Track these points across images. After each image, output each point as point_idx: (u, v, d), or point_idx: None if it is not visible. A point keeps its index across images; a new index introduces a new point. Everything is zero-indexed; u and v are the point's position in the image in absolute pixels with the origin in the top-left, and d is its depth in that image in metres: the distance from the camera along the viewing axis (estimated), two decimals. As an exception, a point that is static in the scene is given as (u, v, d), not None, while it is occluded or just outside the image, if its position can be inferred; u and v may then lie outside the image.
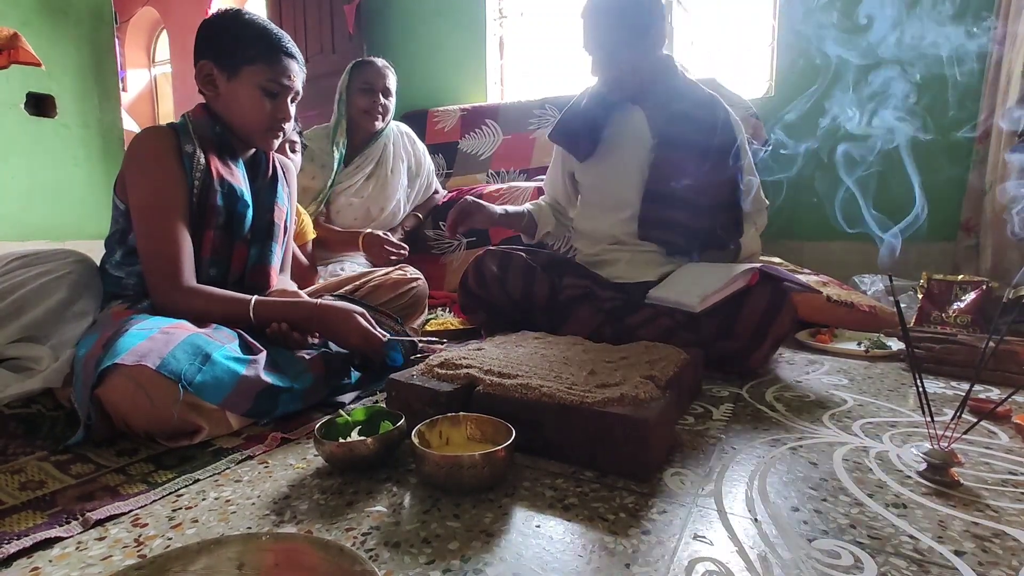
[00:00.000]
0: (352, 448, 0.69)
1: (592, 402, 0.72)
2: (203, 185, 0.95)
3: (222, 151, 1.00)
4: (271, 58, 0.97)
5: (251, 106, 0.98)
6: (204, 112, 1.00)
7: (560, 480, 0.69)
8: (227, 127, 1.00)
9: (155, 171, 0.93)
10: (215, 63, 0.97)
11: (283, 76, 0.98)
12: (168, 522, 0.60)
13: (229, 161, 1.00)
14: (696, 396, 1.01)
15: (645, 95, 1.29)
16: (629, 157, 1.31)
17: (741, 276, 1.12)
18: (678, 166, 1.25)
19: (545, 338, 1.07)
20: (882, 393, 1.01)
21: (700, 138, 1.26)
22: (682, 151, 1.25)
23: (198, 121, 0.99)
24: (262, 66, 0.97)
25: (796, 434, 0.82)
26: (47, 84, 2.51)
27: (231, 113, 1.00)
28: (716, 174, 1.27)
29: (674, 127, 1.27)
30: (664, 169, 1.27)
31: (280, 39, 0.98)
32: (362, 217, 1.77)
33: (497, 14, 2.94)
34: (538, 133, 2.41)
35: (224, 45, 0.97)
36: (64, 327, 0.94)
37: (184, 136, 0.96)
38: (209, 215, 0.96)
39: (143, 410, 0.72)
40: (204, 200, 0.95)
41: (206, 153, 0.97)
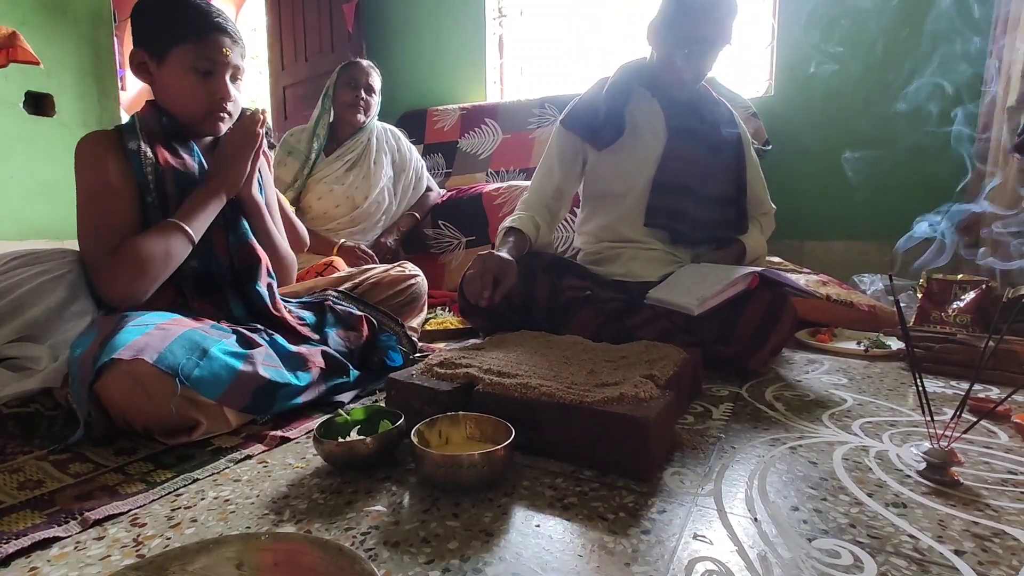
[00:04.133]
0: (351, 447, 0.69)
1: (592, 401, 0.72)
2: (156, 178, 0.93)
3: (171, 141, 0.97)
4: (198, 35, 0.92)
5: (185, 90, 0.94)
6: (150, 106, 0.98)
7: (560, 479, 0.69)
8: (172, 116, 0.98)
9: (90, 173, 0.92)
10: (145, 49, 0.94)
11: (214, 52, 0.93)
12: (167, 522, 0.59)
13: (181, 150, 0.98)
14: (696, 395, 1.01)
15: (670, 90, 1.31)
16: (644, 147, 1.32)
17: (741, 279, 1.12)
18: (688, 157, 1.29)
19: (545, 337, 1.07)
20: (882, 392, 1.01)
21: (707, 132, 1.30)
22: (692, 143, 1.29)
23: (144, 116, 0.97)
24: (190, 45, 0.92)
25: (796, 433, 0.82)
26: (46, 83, 2.51)
27: (169, 100, 0.96)
28: (722, 167, 1.30)
29: (685, 120, 1.31)
30: (675, 159, 1.29)
31: (208, 12, 0.94)
32: (345, 205, 1.80)
33: (497, 13, 2.94)
34: (538, 132, 2.41)
35: (151, 29, 0.93)
36: (63, 327, 0.94)
37: (128, 135, 0.94)
38: (170, 207, 0.94)
39: (141, 405, 0.72)
40: (162, 191, 0.94)
41: (153, 146, 0.95)
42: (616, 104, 1.32)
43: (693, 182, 1.28)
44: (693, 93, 1.33)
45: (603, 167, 1.36)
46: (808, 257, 2.23)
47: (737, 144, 1.34)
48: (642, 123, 1.33)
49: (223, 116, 0.99)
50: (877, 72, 2.10)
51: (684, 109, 1.31)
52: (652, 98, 1.33)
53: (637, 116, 1.33)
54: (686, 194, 1.28)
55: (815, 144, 2.23)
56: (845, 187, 2.20)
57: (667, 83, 1.31)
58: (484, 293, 1.08)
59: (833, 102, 2.19)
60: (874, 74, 2.11)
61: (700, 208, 1.29)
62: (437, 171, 2.56)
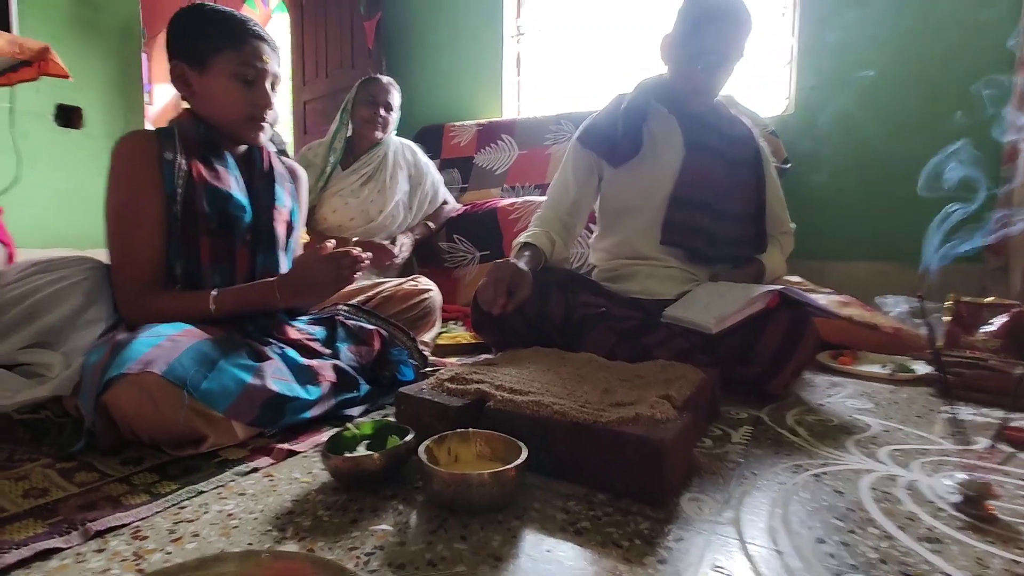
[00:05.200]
0: (358, 463, 0.67)
1: (606, 421, 0.70)
2: (186, 191, 0.93)
3: (208, 153, 0.98)
4: (238, 43, 0.94)
5: (227, 98, 0.95)
6: (189, 115, 0.99)
7: (572, 502, 0.66)
8: (211, 126, 0.98)
9: (126, 180, 0.92)
10: (184, 61, 0.95)
11: (255, 59, 0.95)
12: (168, 535, 0.58)
13: (216, 164, 0.98)
14: (714, 418, 0.97)
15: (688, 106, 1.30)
16: (661, 164, 1.30)
17: (760, 298, 1.09)
18: (706, 174, 1.27)
19: (559, 354, 1.05)
20: (909, 419, 0.97)
21: (725, 148, 1.28)
22: (710, 159, 1.27)
23: (183, 124, 0.97)
24: (230, 53, 0.93)
25: (819, 460, 0.79)
26: (75, 96, 2.58)
27: (210, 110, 0.97)
28: (741, 184, 1.28)
29: (703, 136, 1.29)
30: (692, 176, 1.27)
31: (245, 21, 0.96)
32: (360, 218, 1.81)
33: (515, 31, 2.97)
34: (554, 148, 2.41)
35: (189, 40, 0.94)
36: (77, 334, 0.94)
37: (166, 142, 0.94)
38: (199, 221, 0.94)
39: (149, 416, 0.71)
40: (190, 206, 0.93)
41: (189, 158, 0.95)
42: (633, 121, 1.31)
43: (710, 198, 1.26)
44: (710, 109, 1.32)
45: (619, 184, 1.35)
46: (828, 278, 2.18)
47: (756, 161, 1.32)
48: (660, 140, 1.32)
49: (262, 123, 0.99)
50: (898, 90, 2.07)
51: (702, 125, 1.30)
52: (670, 114, 1.32)
53: (655, 133, 1.32)
54: (703, 210, 1.26)
55: (835, 163, 2.20)
56: (866, 207, 2.16)
57: (682, 98, 1.30)
58: (498, 301, 1.06)
59: (853, 120, 2.16)
60: (895, 92, 2.08)
61: (717, 225, 1.27)
62: (453, 186, 2.56)
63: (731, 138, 1.30)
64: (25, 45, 1.77)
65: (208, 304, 0.91)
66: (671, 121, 1.31)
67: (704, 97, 1.28)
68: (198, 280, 0.96)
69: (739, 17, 1.18)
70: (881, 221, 2.14)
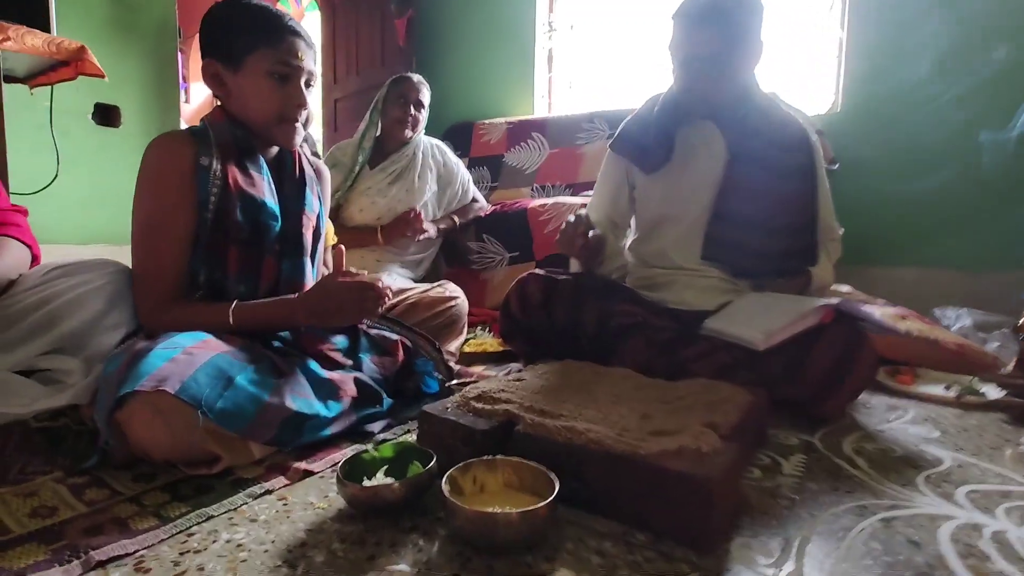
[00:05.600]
0: (377, 493, 0.62)
1: (646, 454, 0.63)
2: (220, 199, 0.90)
3: (243, 158, 0.94)
4: (273, 40, 0.89)
5: (263, 96, 0.91)
6: (222, 114, 0.95)
7: (608, 543, 0.60)
8: (245, 127, 0.94)
9: (157, 191, 0.88)
10: (218, 59, 0.91)
11: (290, 56, 0.90)
12: (172, 568, 0.54)
13: (251, 169, 0.94)
14: (761, 444, 0.90)
15: (721, 108, 1.19)
16: (700, 172, 1.21)
17: (813, 312, 1.00)
18: (753, 184, 1.16)
19: (592, 369, 0.99)
20: (983, 451, 0.87)
21: (778, 156, 1.16)
22: (758, 168, 1.16)
23: (218, 126, 0.93)
24: (265, 50, 0.89)
25: (887, 500, 0.70)
26: (113, 95, 2.62)
27: (245, 109, 0.93)
28: (792, 195, 1.17)
29: (750, 143, 1.17)
30: (737, 187, 1.17)
31: (281, 16, 0.91)
32: (387, 217, 1.78)
33: (547, 27, 2.89)
34: (586, 148, 2.33)
35: (224, 37, 0.90)
36: (98, 339, 0.92)
37: (203, 146, 0.91)
38: (231, 230, 0.90)
39: (161, 438, 0.68)
40: (223, 215, 0.90)
41: (224, 163, 0.91)
42: (666, 125, 1.23)
43: (759, 213, 1.15)
44: (758, 111, 1.20)
45: (654, 191, 1.27)
46: (875, 286, 2.04)
47: (809, 167, 1.19)
48: (698, 145, 1.22)
49: (296, 124, 0.95)
50: (955, 87, 1.92)
51: (747, 131, 1.18)
52: (708, 119, 1.22)
53: (692, 138, 1.23)
54: (750, 225, 1.16)
55: (885, 164, 2.06)
56: (918, 210, 2.02)
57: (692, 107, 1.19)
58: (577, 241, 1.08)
59: (906, 119, 2.01)
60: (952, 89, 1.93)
61: (764, 241, 1.16)
62: (482, 184, 2.51)
63: (781, 144, 1.18)
64: (62, 45, 1.79)
65: (227, 318, 0.88)
66: (710, 126, 1.21)
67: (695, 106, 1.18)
68: (222, 289, 0.93)
69: (723, 11, 1.07)
70: (935, 225, 2.00)
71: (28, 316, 0.88)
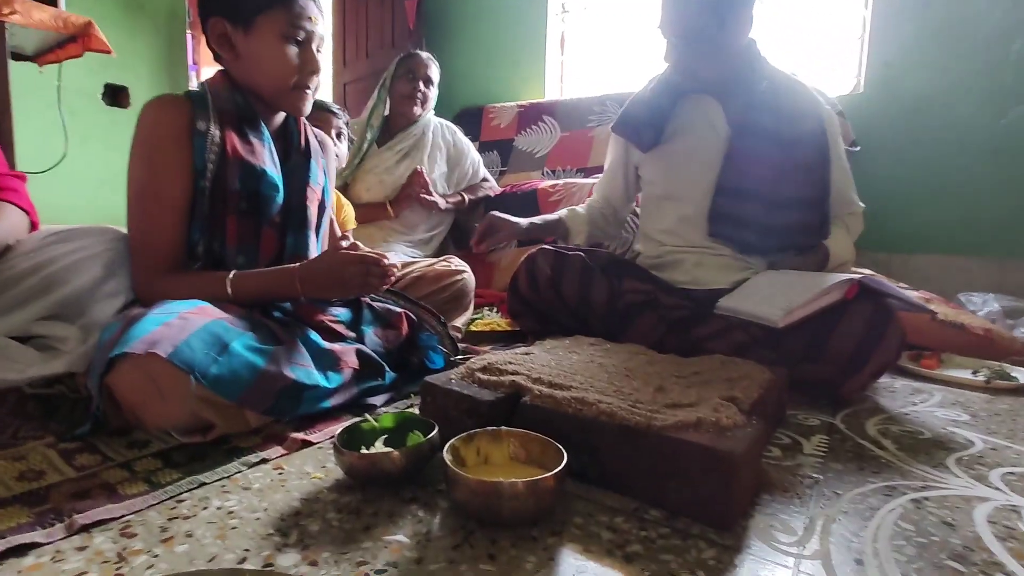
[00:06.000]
0: (375, 462, 0.59)
1: (662, 426, 0.60)
2: (218, 166, 0.86)
3: (243, 125, 0.90)
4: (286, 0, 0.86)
5: (276, 60, 0.86)
6: (224, 79, 0.91)
7: (619, 519, 0.56)
8: (251, 92, 0.91)
9: (151, 157, 0.85)
10: (227, 18, 0.86)
11: (304, 19, 0.86)
12: (160, 533, 0.51)
13: (252, 136, 0.90)
14: (780, 423, 0.85)
15: (720, 83, 1.16)
16: (700, 147, 1.18)
17: (836, 288, 0.96)
18: (756, 157, 1.12)
19: (602, 345, 0.95)
20: (1018, 435, 0.83)
21: (782, 126, 1.12)
22: (761, 140, 1.12)
23: (217, 91, 0.89)
24: (280, 11, 0.84)
25: (916, 481, 0.66)
26: (123, 76, 2.61)
27: (255, 73, 0.88)
28: (799, 165, 1.12)
29: (753, 115, 1.14)
30: (739, 160, 1.13)
31: None
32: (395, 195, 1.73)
33: (560, 9, 2.83)
34: (597, 131, 2.28)
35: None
36: (95, 307, 0.89)
37: (199, 110, 0.87)
38: (229, 199, 0.87)
39: (153, 403, 0.65)
40: (221, 183, 0.86)
41: (223, 128, 0.87)
42: (660, 104, 1.21)
43: (762, 186, 1.11)
44: (763, 80, 1.15)
45: (656, 170, 1.25)
46: (897, 272, 1.98)
47: (820, 137, 1.14)
48: (698, 121, 1.19)
49: (308, 90, 0.91)
50: (984, 67, 1.84)
51: (751, 102, 1.14)
52: (708, 95, 1.18)
53: (691, 114, 1.20)
54: (754, 199, 1.12)
55: (908, 147, 1.99)
56: (943, 195, 1.95)
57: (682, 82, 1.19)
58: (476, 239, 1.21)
59: (930, 101, 1.94)
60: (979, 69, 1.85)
61: (772, 214, 1.12)
62: (492, 168, 2.47)
63: (789, 114, 1.13)
64: (69, 20, 1.77)
65: (225, 288, 0.84)
66: (710, 101, 1.18)
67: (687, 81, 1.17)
68: (220, 260, 0.89)
69: None
70: (959, 211, 1.92)
71: (24, 281, 0.85)
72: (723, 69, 1.14)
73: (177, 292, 0.81)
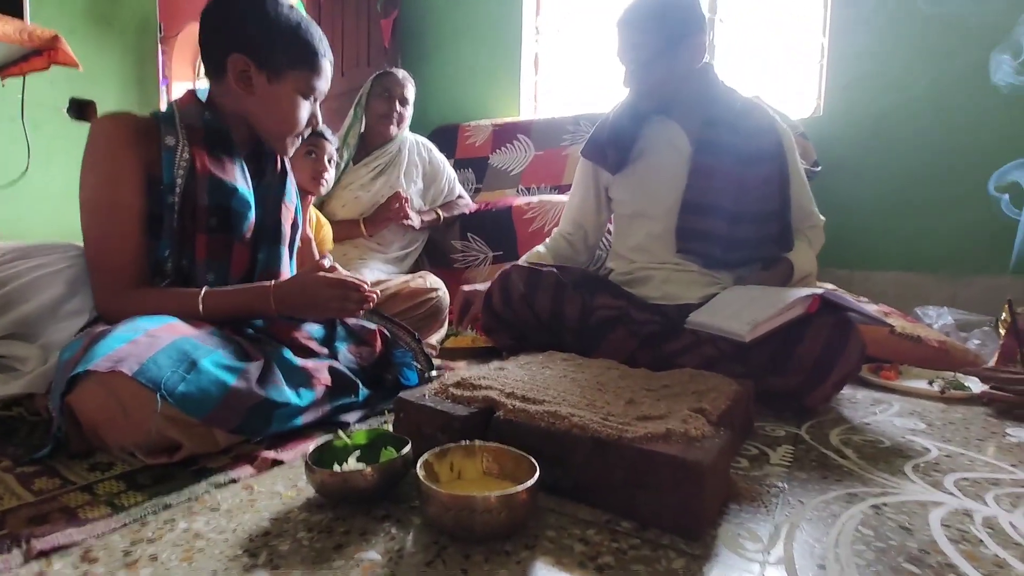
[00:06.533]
0: (347, 479, 0.59)
1: (633, 437, 0.61)
2: (187, 182, 0.85)
3: (213, 143, 0.89)
4: (315, 64, 0.90)
5: (290, 111, 0.91)
6: (192, 98, 0.91)
7: (592, 531, 0.57)
8: (237, 118, 0.91)
9: (103, 166, 0.83)
10: (253, 60, 0.87)
11: (323, 82, 0.93)
12: (122, 558, 0.50)
13: (222, 154, 0.90)
14: (748, 434, 0.88)
15: (679, 105, 1.22)
16: (664, 167, 1.22)
17: (799, 302, 0.99)
18: (717, 173, 1.17)
19: (575, 360, 0.96)
20: (971, 442, 0.86)
21: (739, 143, 1.18)
22: (721, 157, 1.17)
23: (186, 110, 0.89)
24: (307, 72, 0.90)
25: (876, 488, 0.68)
26: (90, 90, 2.55)
27: (265, 115, 0.91)
28: (759, 180, 1.17)
29: (711, 132, 1.19)
30: (702, 177, 1.18)
31: (320, 41, 0.92)
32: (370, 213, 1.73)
33: (533, 31, 2.90)
34: (571, 149, 2.33)
35: (263, 42, 0.87)
36: (56, 325, 0.87)
37: (166, 126, 0.86)
38: (198, 215, 0.86)
39: (116, 422, 0.63)
40: (190, 198, 0.85)
41: (192, 146, 0.87)
42: (623, 126, 1.26)
43: (724, 200, 1.16)
44: (718, 101, 1.21)
45: (625, 190, 1.29)
46: (858, 287, 2.06)
47: (777, 152, 1.20)
48: (661, 142, 1.24)
49: (299, 139, 0.97)
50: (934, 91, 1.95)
51: (708, 121, 1.20)
52: (668, 117, 1.24)
53: (654, 136, 1.25)
54: (718, 214, 1.17)
55: (867, 167, 2.09)
56: (899, 214, 2.04)
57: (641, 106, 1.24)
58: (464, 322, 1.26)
59: (887, 123, 2.04)
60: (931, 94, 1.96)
61: (735, 228, 1.16)
62: (467, 185, 2.49)
63: (746, 132, 1.19)
64: (34, 33, 1.74)
65: (196, 305, 0.83)
66: (670, 123, 1.24)
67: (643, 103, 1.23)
68: (189, 277, 0.88)
69: (656, 17, 1.12)
70: (915, 229, 2.02)
71: (-19, 299, 0.83)
72: (678, 92, 1.20)
73: (144, 309, 0.80)
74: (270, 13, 0.87)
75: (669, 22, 1.12)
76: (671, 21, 1.12)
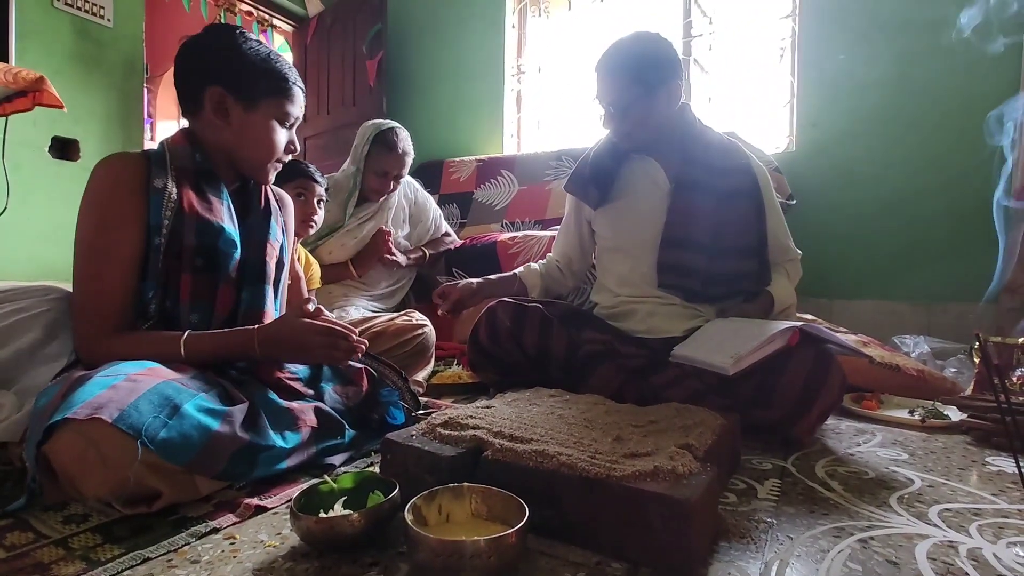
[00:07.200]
0: (333, 525, 0.58)
1: (620, 476, 0.61)
2: (174, 223, 0.85)
3: (202, 183, 0.91)
4: (288, 90, 0.93)
5: (266, 139, 0.93)
6: (184, 138, 0.92)
7: (583, 573, 0.57)
8: (219, 152, 0.93)
9: (102, 212, 0.84)
10: (228, 91, 0.90)
11: (296, 108, 0.95)
12: (98, 616, 0.48)
13: (210, 194, 0.91)
14: (735, 468, 0.88)
15: (658, 145, 1.26)
16: (645, 203, 1.25)
17: (779, 335, 1.01)
18: (696, 210, 1.20)
19: (562, 396, 0.96)
20: (952, 472, 0.88)
21: (716, 180, 1.21)
22: (699, 194, 1.21)
23: (177, 149, 0.90)
24: (280, 99, 0.92)
25: (862, 521, 0.69)
26: (73, 129, 2.55)
27: (242, 144, 0.92)
28: (737, 217, 1.21)
29: (690, 170, 1.23)
30: (681, 213, 1.21)
31: (290, 69, 0.95)
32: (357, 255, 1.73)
33: (515, 70, 2.99)
34: (554, 184, 2.38)
35: (237, 73, 0.90)
36: (34, 371, 0.85)
37: (157, 168, 0.87)
38: (184, 256, 0.86)
39: (94, 472, 0.61)
40: (176, 239, 0.85)
41: (180, 187, 0.88)
42: (604, 163, 1.30)
43: (703, 236, 1.19)
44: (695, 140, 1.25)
45: (607, 225, 1.32)
46: (836, 317, 2.11)
47: (753, 189, 1.24)
48: (641, 179, 1.28)
49: (279, 166, 0.98)
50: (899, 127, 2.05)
51: (687, 159, 1.24)
52: (647, 155, 1.28)
53: (635, 173, 1.29)
54: (697, 250, 1.19)
55: (840, 200, 2.16)
56: (872, 244, 2.11)
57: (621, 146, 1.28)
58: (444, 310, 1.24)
59: (856, 158, 2.13)
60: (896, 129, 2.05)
61: (714, 263, 1.19)
62: (452, 220, 2.52)
63: (723, 169, 1.23)
64: (20, 75, 1.74)
65: (178, 349, 0.82)
66: (650, 161, 1.27)
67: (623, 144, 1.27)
68: (173, 318, 0.87)
69: (633, 62, 1.16)
70: (889, 259, 2.08)
71: (-44, 345, 0.81)
72: (657, 132, 1.23)
73: (125, 353, 0.79)
74: (242, 47, 0.90)
75: (646, 70, 1.16)
76: (648, 69, 1.16)
